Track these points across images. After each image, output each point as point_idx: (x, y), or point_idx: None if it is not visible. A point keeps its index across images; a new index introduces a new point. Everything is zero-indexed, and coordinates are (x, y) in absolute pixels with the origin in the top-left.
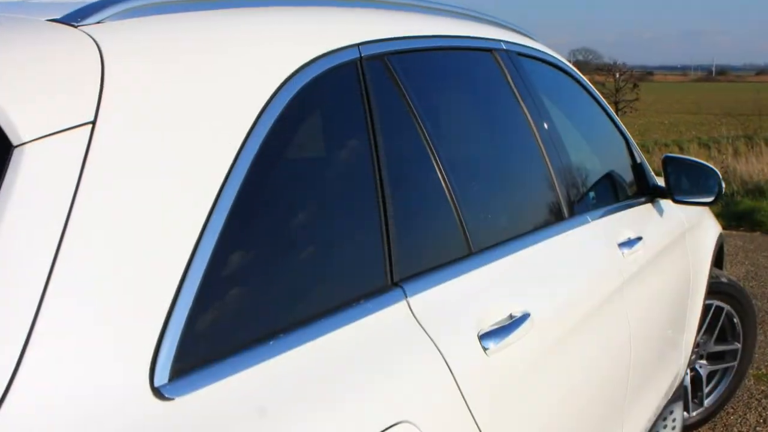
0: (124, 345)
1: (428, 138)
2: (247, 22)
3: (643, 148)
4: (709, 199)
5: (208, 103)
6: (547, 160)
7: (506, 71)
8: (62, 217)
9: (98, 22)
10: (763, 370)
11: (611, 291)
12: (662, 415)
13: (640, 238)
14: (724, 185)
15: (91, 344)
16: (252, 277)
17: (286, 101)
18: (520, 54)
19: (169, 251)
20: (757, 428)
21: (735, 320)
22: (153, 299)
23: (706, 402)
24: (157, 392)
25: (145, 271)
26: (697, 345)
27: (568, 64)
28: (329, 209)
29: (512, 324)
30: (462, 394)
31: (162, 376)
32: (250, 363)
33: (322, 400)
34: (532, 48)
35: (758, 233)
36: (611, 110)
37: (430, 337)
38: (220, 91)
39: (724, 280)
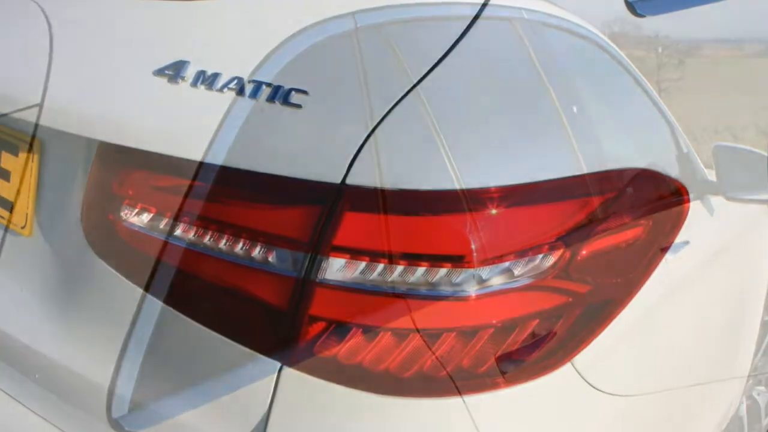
0: (78, 368)
1: (435, 124)
2: None
3: (690, 135)
4: None
5: (175, 83)
6: (576, 149)
7: (528, 45)
8: (5, 218)
9: None
10: None
11: (652, 303)
12: None
13: (686, 242)
14: None
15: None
16: (229, 286)
17: (269, 80)
18: (544, 24)
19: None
20: None
21: None
22: (111, 313)
23: None
24: (116, 425)
25: (104, 278)
26: (755, 368)
27: (601, 36)
28: None
29: (533, 344)
30: (476, 426)
31: (120, 407)
32: (230, 389)
33: (312, 429)
34: (559, 17)
35: None
36: (653, 91)
37: None
38: (190, 69)
39: None
